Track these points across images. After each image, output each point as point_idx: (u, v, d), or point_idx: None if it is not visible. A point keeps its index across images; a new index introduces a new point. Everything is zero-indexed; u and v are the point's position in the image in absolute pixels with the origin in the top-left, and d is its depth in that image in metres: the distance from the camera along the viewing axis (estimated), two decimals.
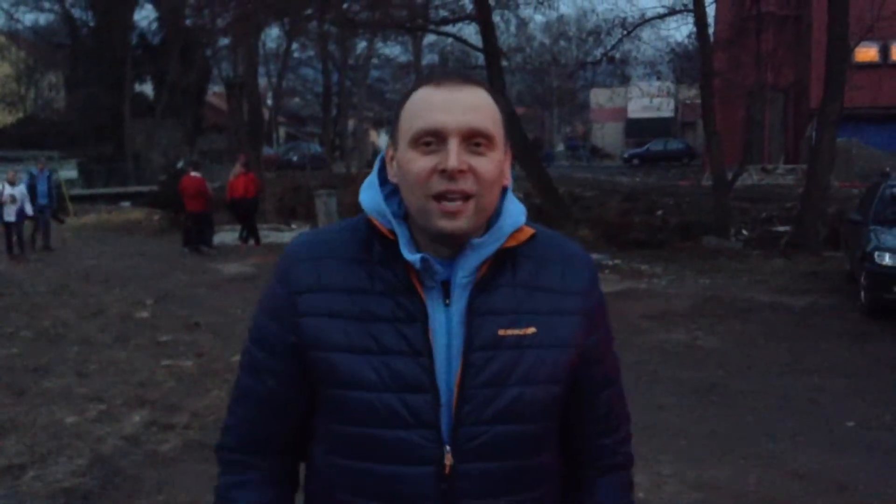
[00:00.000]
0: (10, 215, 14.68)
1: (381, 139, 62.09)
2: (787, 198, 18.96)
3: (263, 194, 19.93)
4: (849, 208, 13.84)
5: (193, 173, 16.01)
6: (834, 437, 5.29)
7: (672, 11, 18.13)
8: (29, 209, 15.16)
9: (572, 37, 24.70)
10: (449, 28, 20.78)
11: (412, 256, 1.25)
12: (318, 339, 1.28)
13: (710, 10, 18.92)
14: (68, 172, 28.61)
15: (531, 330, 1.28)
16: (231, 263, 14.21)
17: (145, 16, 38.58)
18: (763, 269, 12.77)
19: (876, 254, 9.10)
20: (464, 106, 1.24)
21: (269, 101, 36.26)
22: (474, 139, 1.23)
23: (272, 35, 32.12)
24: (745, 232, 16.38)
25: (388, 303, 1.26)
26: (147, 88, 38.71)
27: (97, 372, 7.00)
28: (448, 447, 1.25)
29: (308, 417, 1.36)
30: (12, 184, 14.89)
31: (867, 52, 26.09)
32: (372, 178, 1.35)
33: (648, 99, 29.03)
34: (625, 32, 18.40)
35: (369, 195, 1.33)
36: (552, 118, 55.40)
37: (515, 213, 1.31)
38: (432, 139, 1.23)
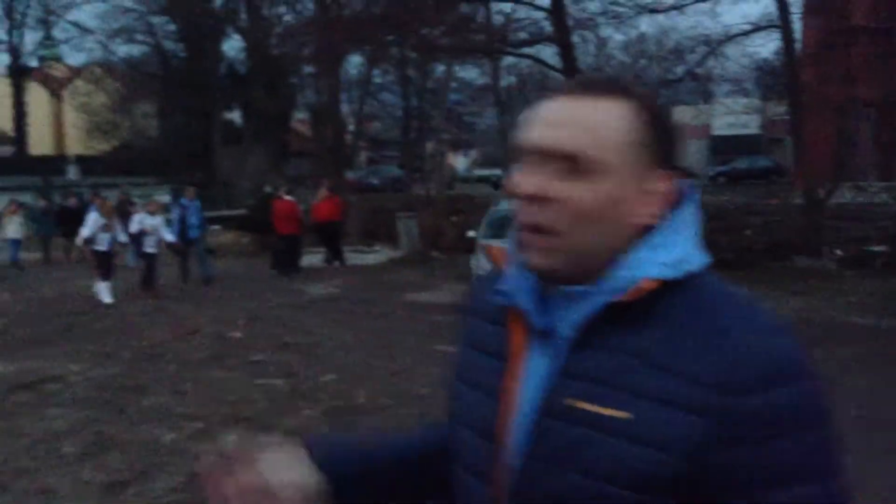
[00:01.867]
0: (150, 246, 13.64)
1: (458, 161, 62.39)
2: (881, 216, 18.26)
3: (347, 217, 20.29)
4: None
5: (287, 197, 16.41)
6: None
7: (757, 27, 17.79)
8: (169, 237, 14.12)
9: (653, 55, 24.38)
10: (527, 50, 20.87)
11: (498, 290, 1.11)
12: (457, 366, 1.21)
13: (798, 25, 18.50)
14: (161, 198, 29.69)
15: (621, 413, 0.97)
16: (317, 285, 14.48)
17: (233, 46, 39.81)
18: (858, 290, 12.33)
19: None
20: (554, 119, 1.03)
21: (352, 127, 36.93)
22: (565, 162, 1.00)
23: (354, 62, 32.76)
24: (838, 251, 15.85)
25: (498, 336, 1.11)
26: (235, 116, 39.88)
27: (193, 391, 7.21)
28: None
29: None
30: (152, 213, 13.95)
31: None
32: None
33: (734, 116, 28.45)
34: (709, 50, 18.13)
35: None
36: None
37: (644, 262, 1.02)
38: (524, 156, 1.05)
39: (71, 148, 48.99)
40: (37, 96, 49.14)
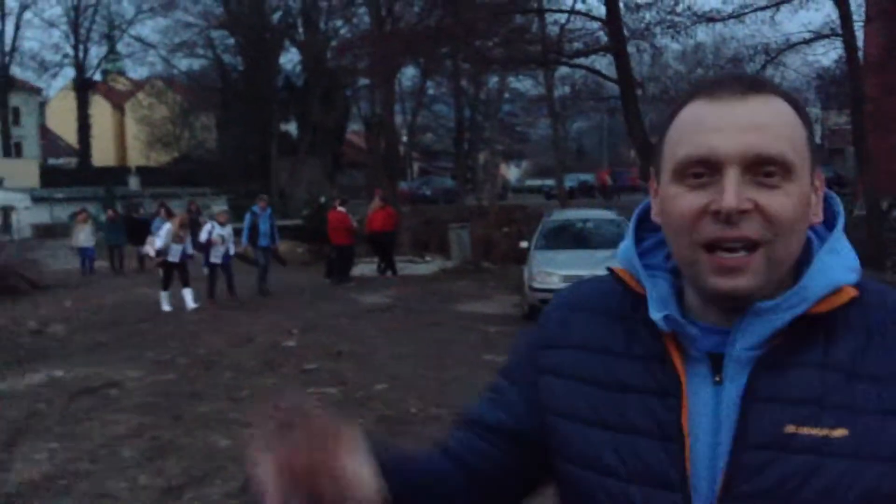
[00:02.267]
0: (216, 257, 13.63)
1: (510, 172, 62.33)
2: None
3: (399, 227, 20.42)
4: None
5: (340, 208, 16.65)
6: None
7: (818, 36, 17.43)
8: (232, 250, 14.05)
9: (710, 65, 24.04)
10: (582, 60, 20.77)
11: (656, 314, 0.98)
12: (557, 404, 1.05)
13: (860, 34, 18.07)
14: (219, 208, 30.29)
15: (840, 431, 0.91)
16: (370, 294, 14.58)
17: (290, 59, 40.41)
18: None
19: None
20: (746, 123, 0.93)
21: (405, 138, 37.24)
22: (763, 168, 0.92)
23: (408, 74, 33.05)
24: None
25: (640, 370, 1.00)
26: (291, 128, 40.48)
27: (248, 398, 7.31)
28: None
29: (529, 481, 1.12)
30: (222, 224, 13.88)
31: None
32: (629, 228, 1.10)
33: None
34: (768, 59, 17.83)
35: (623, 245, 1.08)
36: None
37: (833, 267, 0.96)
38: (703, 170, 0.93)
39: (132, 159, 50.39)
40: (100, 109, 50.69)
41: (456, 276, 17.56)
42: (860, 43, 18.31)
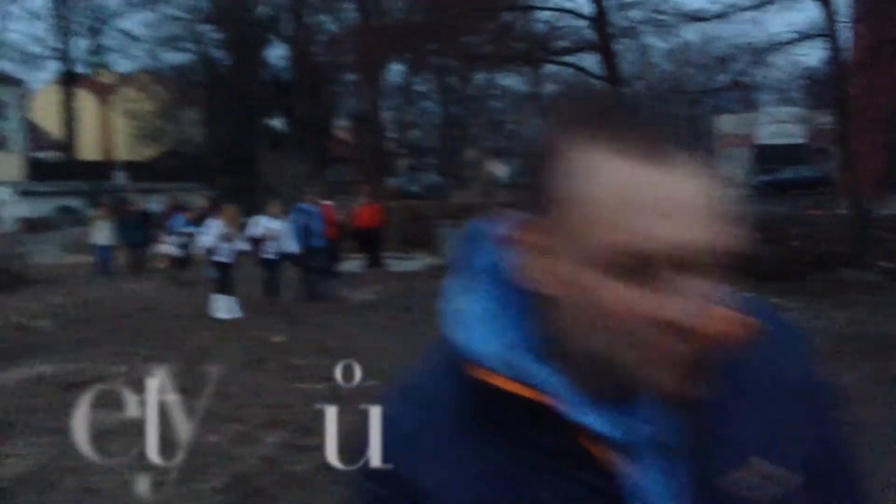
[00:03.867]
0: (271, 252, 12.93)
1: (496, 169, 62.30)
2: None
3: (387, 223, 20.42)
4: None
5: (325, 202, 16.61)
6: None
7: (804, 36, 17.55)
8: (293, 247, 13.16)
9: (697, 64, 24.17)
10: (569, 58, 20.83)
11: (603, 427, 0.75)
12: None
13: (845, 34, 18.22)
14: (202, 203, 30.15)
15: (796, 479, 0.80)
16: (357, 291, 14.56)
17: (277, 54, 40.30)
18: None
19: None
20: (694, 206, 0.71)
21: (392, 134, 37.22)
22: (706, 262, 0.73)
23: (395, 70, 33.07)
24: (884, 263, 15.54)
25: (555, 483, 0.76)
26: (278, 123, 40.37)
27: (235, 394, 7.31)
28: None
29: None
30: (275, 217, 13.18)
31: None
32: (476, 298, 0.85)
33: (779, 125, 28.08)
34: (753, 58, 17.95)
35: (480, 330, 0.82)
36: None
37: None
38: (643, 265, 0.70)
39: (118, 154, 50.03)
40: (86, 103, 50.30)
41: (443, 273, 17.52)
42: (846, 43, 18.45)
